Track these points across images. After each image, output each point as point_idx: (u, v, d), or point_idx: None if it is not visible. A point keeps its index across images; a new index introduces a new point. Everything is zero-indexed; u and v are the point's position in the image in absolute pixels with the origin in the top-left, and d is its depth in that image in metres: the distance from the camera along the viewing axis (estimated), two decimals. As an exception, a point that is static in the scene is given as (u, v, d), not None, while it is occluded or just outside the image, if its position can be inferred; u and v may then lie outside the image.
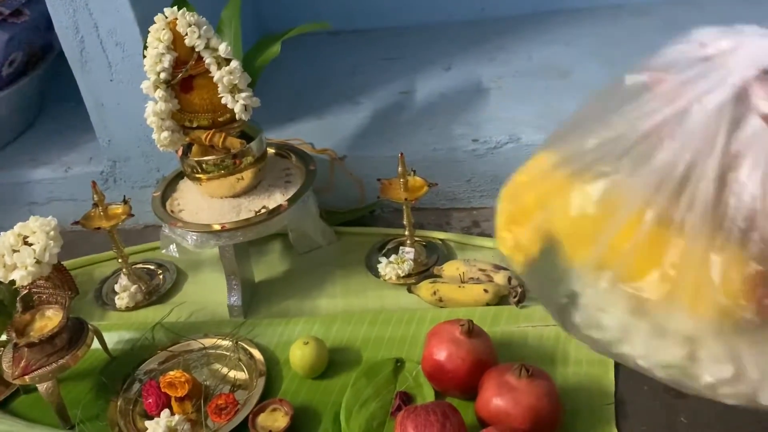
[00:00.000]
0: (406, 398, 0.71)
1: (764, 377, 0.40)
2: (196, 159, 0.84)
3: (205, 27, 0.78)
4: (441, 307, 0.84)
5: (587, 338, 0.47)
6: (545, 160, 0.49)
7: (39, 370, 0.71)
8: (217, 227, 0.82)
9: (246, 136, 0.85)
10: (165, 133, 0.82)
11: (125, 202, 0.92)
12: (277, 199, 0.86)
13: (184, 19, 0.77)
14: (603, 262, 0.43)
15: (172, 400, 0.73)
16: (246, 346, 0.81)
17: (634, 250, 0.42)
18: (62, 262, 0.88)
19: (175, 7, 0.78)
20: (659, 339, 0.42)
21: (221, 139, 0.82)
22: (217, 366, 0.80)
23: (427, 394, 0.71)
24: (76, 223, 0.90)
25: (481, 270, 0.86)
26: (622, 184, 0.43)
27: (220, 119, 0.83)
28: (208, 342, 0.83)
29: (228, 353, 0.81)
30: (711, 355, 0.40)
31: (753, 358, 0.40)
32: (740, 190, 0.40)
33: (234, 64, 0.79)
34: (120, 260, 0.93)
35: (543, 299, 0.50)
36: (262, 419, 0.70)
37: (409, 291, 0.87)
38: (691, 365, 0.41)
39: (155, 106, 0.80)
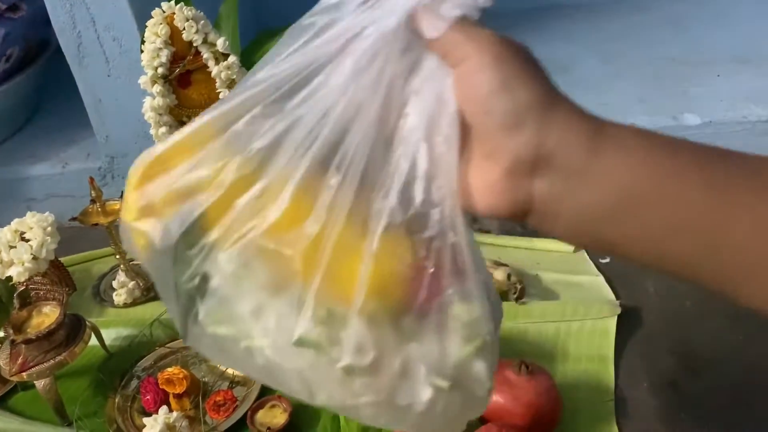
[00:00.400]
0: (405, 395, 0.70)
1: (405, 372, 0.35)
2: (194, 155, 0.83)
3: (203, 22, 0.78)
4: (440, 303, 0.83)
5: (212, 339, 0.38)
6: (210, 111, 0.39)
7: (36, 367, 0.71)
8: (216, 223, 0.82)
9: (244, 132, 0.85)
10: (163, 129, 0.81)
11: (123, 198, 0.92)
12: (275, 195, 0.85)
13: (181, 13, 0.76)
14: (245, 221, 0.35)
15: (171, 396, 0.73)
16: (244, 342, 0.80)
17: (284, 201, 0.35)
18: (60, 259, 0.87)
19: (173, 2, 0.78)
20: (296, 317, 0.35)
21: (219, 135, 0.82)
22: (215, 362, 0.80)
23: (426, 390, 0.71)
24: (74, 219, 0.90)
25: (480, 266, 0.85)
26: (275, 128, 0.35)
27: (218, 115, 0.82)
28: (206, 338, 0.82)
29: (226, 350, 0.81)
30: (353, 336, 0.34)
31: (397, 347, 0.35)
32: (405, 145, 0.34)
33: (232, 59, 0.79)
34: (118, 256, 0.93)
35: (165, 291, 0.39)
36: (261, 416, 0.70)
37: (408, 287, 0.87)
38: (329, 346, 0.35)
39: (153, 101, 0.80)
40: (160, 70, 0.77)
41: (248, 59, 0.92)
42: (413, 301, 0.35)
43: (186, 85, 0.81)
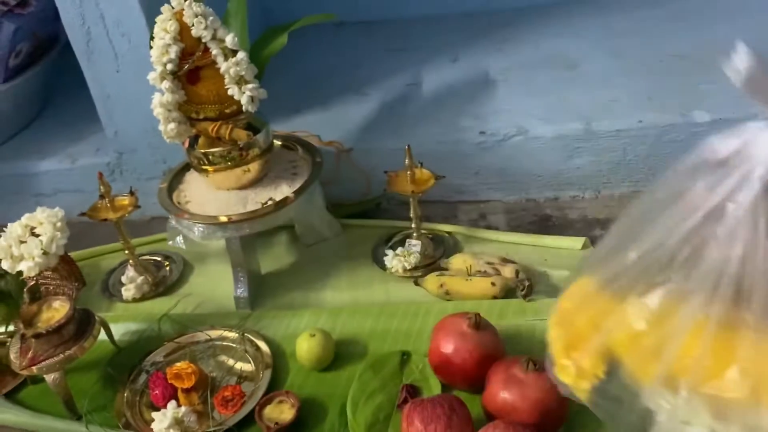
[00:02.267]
0: (413, 391, 0.71)
1: None
2: (202, 150, 0.84)
3: (211, 18, 0.78)
4: (448, 300, 0.84)
5: None
6: (587, 284, 0.49)
7: (46, 361, 0.71)
8: (224, 219, 0.82)
9: (252, 128, 0.85)
10: (171, 125, 0.81)
11: (132, 193, 0.92)
12: (283, 191, 0.86)
13: (190, 9, 0.76)
14: (676, 373, 0.43)
15: (179, 391, 0.73)
16: (252, 337, 0.81)
17: (707, 353, 0.42)
18: (69, 254, 0.88)
19: (182, -2, 0.78)
20: None
21: (228, 131, 0.82)
22: (223, 358, 0.80)
23: (433, 386, 0.71)
24: (83, 214, 0.90)
25: (488, 263, 0.86)
26: (677, 291, 0.43)
27: (227, 111, 0.83)
28: (214, 333, 0.83)
29: (234, 345, 0.81)
30: None
31: None
32: None
33: (240, 55, 0.79)
34: (127, 252, 0.93)
35: (613, 423, 0.50)
36: (269, 411, 0.70)
37: (416, 284, 0.87)
38: None
39: (162, 97, 0.80)
40: (169, 66, 0.78)
41: (257, 55, 0.92)
42: None
43: (195, 81, 0.81)
